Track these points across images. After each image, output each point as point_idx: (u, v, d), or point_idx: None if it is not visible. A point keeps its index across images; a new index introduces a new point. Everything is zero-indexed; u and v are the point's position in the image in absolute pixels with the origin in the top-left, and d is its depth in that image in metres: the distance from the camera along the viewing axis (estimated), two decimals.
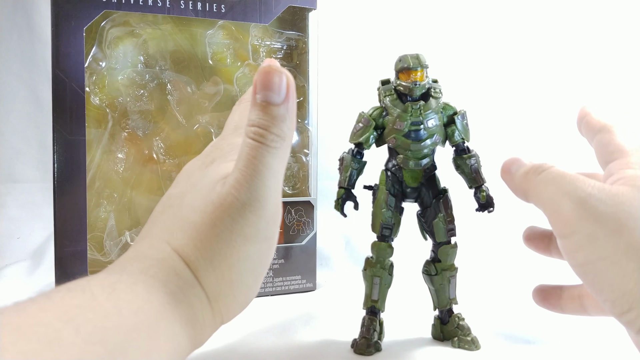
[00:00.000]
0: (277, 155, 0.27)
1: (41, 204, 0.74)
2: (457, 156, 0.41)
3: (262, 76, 0.27)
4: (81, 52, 0.47)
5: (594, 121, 0.35)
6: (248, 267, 0.28)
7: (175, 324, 0.25)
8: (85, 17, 0.47)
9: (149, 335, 0.23)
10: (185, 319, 0.26)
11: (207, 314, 0.27)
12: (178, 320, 0.25)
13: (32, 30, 0.74)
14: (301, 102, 0.56)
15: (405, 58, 0.39)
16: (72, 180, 0.47)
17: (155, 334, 0.24)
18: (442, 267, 0.41)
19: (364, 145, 0.40)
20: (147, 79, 0.51)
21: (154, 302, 0.24)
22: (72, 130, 0.47)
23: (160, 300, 0.25)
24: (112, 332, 0.21)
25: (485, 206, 0.40)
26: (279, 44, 0.55)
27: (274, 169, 0.27)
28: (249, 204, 0.26)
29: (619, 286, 0.27)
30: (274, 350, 0.40)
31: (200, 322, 0.27)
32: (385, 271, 0.41)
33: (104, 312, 0.22)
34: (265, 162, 0.26)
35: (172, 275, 0.26)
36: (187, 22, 0.52)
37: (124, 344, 0.22)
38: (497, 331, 0.44)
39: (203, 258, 0.27)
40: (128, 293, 0.24)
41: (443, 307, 0.41)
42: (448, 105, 0.40)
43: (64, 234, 0.47)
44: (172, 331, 0.25)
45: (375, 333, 0.40)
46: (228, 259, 0.27)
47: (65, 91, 0.47)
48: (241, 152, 0.27)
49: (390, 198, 0.40)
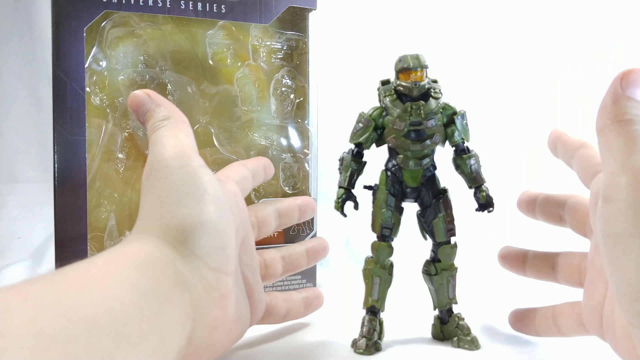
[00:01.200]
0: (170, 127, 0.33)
1: (41, 203, 0.74)
2: (457, 156, 0.41)
3: (132, 101, 0.34)
4: (81, 53, 0.47)
5: (571, 140, 0.36)
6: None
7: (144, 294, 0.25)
8: (85, 18, 0.47)
9: (101, 291, 0.23)
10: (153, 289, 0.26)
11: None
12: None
13: (33, 31, 0.74)
14: (301, 102, 0.56)
15: (405, 58, 0.39)
16: (72, 180, 0.47)
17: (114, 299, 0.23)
18: (442, 267, 0.41)
19: (364, 145, 0.40)
20: (147, 80, 0.51)
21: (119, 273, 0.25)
22: (73, 130, 0.47)
23: (129, 276, 0.25)
24: (62, 295, 0.21)
25: (485, 206, 0.40)
26: (279, 44, 0.55)
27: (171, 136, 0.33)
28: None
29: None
30: (274, 350, 0.40)
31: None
32: (385, 271, 0.41)
33: (51, 280, 0.22)
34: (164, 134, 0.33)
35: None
36: (187, 23, 0.52)
37: (76, 301, 0.21)
38: (497, 331, 0.44)
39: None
40: (99, 268, 0.24)
41: (443, 307, 0.41)
42: (448, 106, 0.40)
43: (64, 233, 0.47)
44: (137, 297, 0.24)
45: (375, 333, 0.40)
46: None
47: (66, 91, 0.47)
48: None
49: (390, 198, 0.40)
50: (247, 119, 0.55)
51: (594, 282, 0.34)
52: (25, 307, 0.19)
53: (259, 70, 0.55)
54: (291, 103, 0.56)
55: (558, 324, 0.38)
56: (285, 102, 0.56)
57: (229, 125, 0.54)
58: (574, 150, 0.36)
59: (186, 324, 0.27)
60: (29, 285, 0.21)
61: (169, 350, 0.25)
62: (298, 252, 0.44)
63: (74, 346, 0.19)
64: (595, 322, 0.33)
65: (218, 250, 0.30)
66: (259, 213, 0.41)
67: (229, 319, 0.31)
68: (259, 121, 0.55)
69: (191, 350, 0.29)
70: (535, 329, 0.40)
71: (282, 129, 0.56)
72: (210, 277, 0.29)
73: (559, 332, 0.38)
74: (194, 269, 0.28)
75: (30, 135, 0.75)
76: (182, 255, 0.28)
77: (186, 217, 0.29)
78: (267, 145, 0.55)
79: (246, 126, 0.55)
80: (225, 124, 0.54)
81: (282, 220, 0.43)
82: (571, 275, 0.38)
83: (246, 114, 0.55)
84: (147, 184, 0.31)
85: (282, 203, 0.43)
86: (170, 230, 0.29)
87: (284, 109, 0.56)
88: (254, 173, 0.41)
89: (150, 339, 0.23)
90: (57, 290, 0.21)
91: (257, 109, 0.55)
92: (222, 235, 0.30)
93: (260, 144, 0.55)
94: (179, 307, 0.26)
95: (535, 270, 0.41)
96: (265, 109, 0.55)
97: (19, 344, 0.18)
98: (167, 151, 0.31)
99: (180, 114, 0.34)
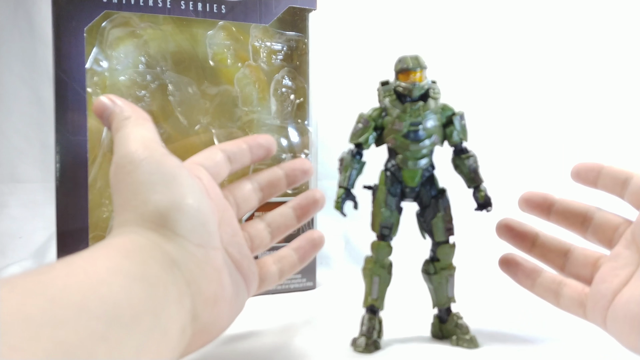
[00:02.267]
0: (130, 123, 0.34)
1: (43, 203, 0.74)
2: (456, 156, 0.41)
3: (96, 107, 0.35)
4: (82, 53, 0.48)
5: (617, 171, 0.37)
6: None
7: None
8: (86, 18, 0.48)
9: (89, 280, 0.23)
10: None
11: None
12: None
13: (33, 31, 0.74)
14: (301, 102, 0.56)
15: (405, 59, 0.39)
16: (74, 180, 0.48)
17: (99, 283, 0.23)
18: (441, 266, 0.41)
19: (364, 145, 0.41)
20: (148, 80, 0.52)
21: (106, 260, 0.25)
22: (74, 130, 0.48)
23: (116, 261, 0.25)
24: (49, 283, 0.21)
25: (483, 205, 0.40)
26: (279, 45, 0.56)
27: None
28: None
29: None
30: (273, 348, 0.40)
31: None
32: (385, 270, 0.41)
33: (38, 272, 0.22)
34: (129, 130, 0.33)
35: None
36: (187, 23, 0.52)
37: (64, 288, 0.21)
38: (496, 330, 0.44)
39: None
40: (85, 259, 0.24)
41: (442, 306, 0.42)
42: (447, 106, 0.41)
43: (65, 233, 0.47)
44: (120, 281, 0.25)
45: (374, 331, 0.40)
46: None
47: (67, 91, 0.47)
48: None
49: (389, 198, 0.40)
50: (247, 120, 0.55)
51: (615, 270, 0.35)
52: (12, 297, 0.19)
53: (259, 71, 0.55)
54: (291, 103, 0.56)
55: (561, 292, 0.38)
56: (285, 102, 0.56)
57: (229, 126, 0.54)
58: (623, 180, 0.37)
59: (184, 301, 0.28)
60: (15, 278, 0.21)
61: (168, 329, 0.25)
62: (282, 214, 0.42)
63: (63, 330, 0.19)
64: (602, 306, 0.34)
65: (198, 227, 0.30)
66: (236, 190, 0.40)
67: (228, 292, 0.32)
68: (260, 121, 0.55)
69: (198, 327, 0.29)
70: (532, 284, 0.40)
71: (283, 129, 0.56)
72: (199, 254, 0.30)
73: (555, 299, 0.38)
74: (181, 247, 0.29)
75: (32, 135, 0.75)
76: (166, 237, 0.29)
77: (160, 202, 0.29)
78: None
79: (247, 126, 0.55)
80: (225, 124, 0.54)
81: (265, 192, 0.41)
82: (604, 235, 0.38)
83: (246, 115, 0.55)
84: (115, 181, 0.31)
85: (262, 174, 0.42)
86: (148, 217, 0.29)
87: (284, 110, 0.56)
88: (232, 155, 0.40)
89: (143, 320, 0.23)
90: (44, 279, 0.21)
91: (257, 109, 0.55)
92: (199, 213, 0.31)
93: None
94: (172, 286, 0.27)
95: (562, 218, 0.40)
96: (265, 109, 0.55)
97: (7, 330, 0.18)
98: (130, 146, 0.32)
99: (141, 111, 0.35)
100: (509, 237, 0.41)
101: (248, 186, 0.41)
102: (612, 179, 0.37)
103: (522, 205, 0.41)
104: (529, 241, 0.40)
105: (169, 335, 0.25)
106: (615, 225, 0.37)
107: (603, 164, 0.38)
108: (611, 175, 0.37)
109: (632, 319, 0.31)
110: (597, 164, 0.39)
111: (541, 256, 0.40)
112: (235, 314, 0.35)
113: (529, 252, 0.41)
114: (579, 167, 0.40)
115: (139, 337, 0.23)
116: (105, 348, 0.20)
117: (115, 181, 0.31)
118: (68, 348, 0.19)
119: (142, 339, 0.23)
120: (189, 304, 0.28)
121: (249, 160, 0.41)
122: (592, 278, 0.37)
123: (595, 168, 0.39)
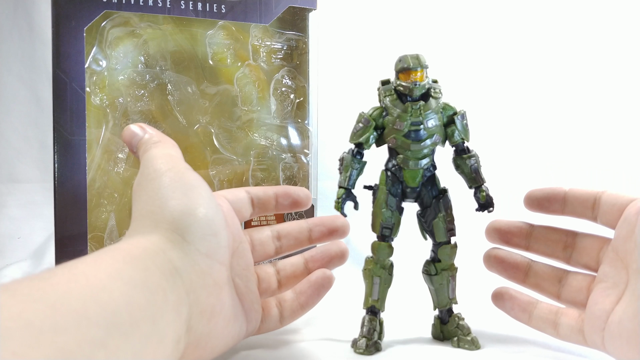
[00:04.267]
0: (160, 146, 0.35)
1: (42, 203, 0.74)
2: (457, 156, 0.41)
3: (126, 134, 0.36)
4: (81, 53, 0.47)
5: (584, 193, 0.37)
6: None
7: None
8: (85, 18, 0.47)
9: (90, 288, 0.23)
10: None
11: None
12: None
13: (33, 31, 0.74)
14: (301, 102, 0.56)
15: (405, 58, 0.39)
16: (72, 180, 0.47)
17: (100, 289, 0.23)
18: (442, 267, 0.41)
19: (364, 145, 0.40)
20: (147, 79, 0.51)
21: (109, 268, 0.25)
22: (73, 131, 0.47)
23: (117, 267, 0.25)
24: (50, 289, 0.21)
25: (485, 206, 0.40)
26: (279, 44, 0.55)
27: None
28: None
29: None
30: (274, 349, 0.40)
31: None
32: (385, 271, 0.41)
33: (39, 277, 0.22)
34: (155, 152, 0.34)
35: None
36: (187, 23, 0.52)
37: (64, 294, 0.21)
38: (497, 331, 0.44)
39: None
40: (89, 264, 0.24)
41: (443, 307, 0.41)
42: (448, 106, 0.40)
43: (64, 234, 0.47)
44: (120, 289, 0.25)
45: (375, 333, 0.40)
46: None
47: (66, 91, 0.47)
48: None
49: (390, 198, 0.40)
50: (247, 119, 0.55)
51: (606, 290, 0.35)
52: (12, 303, 0.19)
53: (259, 70, 0.55)
54: (291, 103, 0.56)
55: (559, 322, 0.38)
56: (285, 102, 0.56)
57: (229, 125, 0.54)
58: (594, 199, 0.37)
59: (181, 310, 0.28)
60: (16, 283, 0.21)
61: (164, 336, 0.25)
62: (293, 264, 0.42)
63: (63, 337, 0.19)
64: (598, 328, 0.34)
65: (209, 236, 0.31)
66: (254, 232, 0.41)
67: (225, 309, 0.32)
68: (259, 121, 0.55)
69: (192, 339, 0.29)
70: (529, 317, 0.39)
71: (282, 129, 0.56)
72: (203, 264, 0.30)
73: (554, 330, 0.38)
74: (186, 255, 0.29)
75: (31, 136, 0.75)
76: (174, 243, 0.29)
77: (175, 207, 0.30)
78: (267, 145, 0.55)
79: (246, 126, 0.55)
80: (225, 124, 0.54)
81: (284, 243, 0.42)
82: (590, 259, 0.38)
83: (246, 114, 0.55)
84: (137, 189, 0.33)
85: (284, 225, 0.42)
86: (162, 222, 0.30)
87: (284, 109, 0.56)
88: (256, 198, 0.40)
89: (142, 327, 0.24)
90: (45, 285, 0.21)
91: (257, 109, 0.55)
92: (212, 223, 0.31)
93: (260, 144, 0.55)
94: (171, 294, 0.27)
95: (542, 245, 0.40)
96: (265, 109, 0.55)
97: (7, 336, 0.18)
98: (156, 161, 0.33)
99: (170, 139, 0.36)
100: (500, 269, 0.41)
101: (267, 232, 0.41)
102: (580, 203, 0.37)
103: (491, 235, 0.41)
104: (521, 272, 0.40)
105: (164, 343, 0.26)
106: (599, 245, 0.37)
107: (564, 189, 0.38)
108: (578, 199, 0.37)
109: (627, 337, 0.31)
110: (558, 189, 0.38)
111: (535, 286, 0.40)
112: (231, 340, 0.34)
113: (522, 283, 0.41)
114: (535, 195, 0.39)
115: (137, 344, 0.23)
116: (104, 354, 0.21)
117: (138, 190, 0.33)
118: (68, 354, 0.19)
119: (140, 345, 0.23)
120: (185, 313, 0.28)
121: (273, 207, 0.41)
122: (597, 268, 0.37)
123: (558, 196, 0.38)
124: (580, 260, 0.38)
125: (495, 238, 0.41)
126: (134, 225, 0.31)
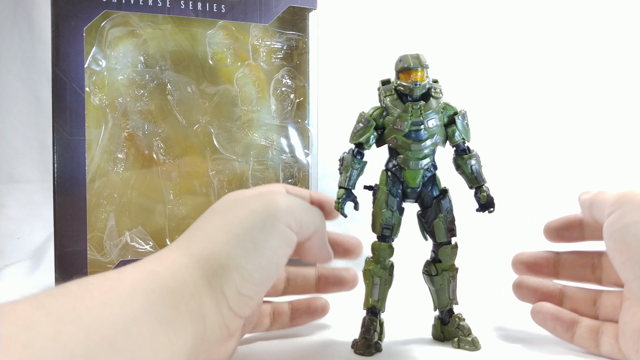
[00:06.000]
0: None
1: (41, 204, 0.74)
2: (458, 156, 0.41)
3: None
4: (81, 52, 0.47)
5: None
6: None
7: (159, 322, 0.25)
8: (85, 17, 0.47)
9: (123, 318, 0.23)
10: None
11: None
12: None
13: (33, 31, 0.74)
14: (301, 102, 0.56)
15: (406, 58, 0.39)
16: (72, 180, 0.47)
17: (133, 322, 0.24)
18: (443, 267, 0.41)
19: (365, 145, 0.40)
20: (147, 79, 0.51)
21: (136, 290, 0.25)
22: (72, 131, 0.47)
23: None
24: (84, 312, 0.22)
25: (485, 206, 0.40)
26: (279, 44, 0.55)
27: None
28: None
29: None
30: (274, 350, 0.40)
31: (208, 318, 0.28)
32: (386, 271, 0.41)
33: (74, 296, 0.23)
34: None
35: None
36: (187, 22, 0.52)
37: (98, 320, 0.22)
38: (498, 332, 0.44)
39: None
40: (114, 283, 0.25)
41: (443, 308, 0.41)
42: (448, 106, 0.40)
43: (64, 234, 0.47)
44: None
45: (375, 333, 0.40)
46: None
47: (66, 91, 0.47)
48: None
49: (390, 198, 0.40)
50: (247, 119, 0.55)
51: (630, 308, 0.35)
52: (48, 322, 0.20)
53: (259, 70, 0.55)
54: (291, 103, 0.56)
55: (600, 341, 0.38)
56: (285, 102, 0.56)
57: (228, 125, 0.54)
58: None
59: (191, 356, 0.28)
60: (51, 299, 0.22)
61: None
62: (306, 277, 0.43)
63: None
64: (632, 348, 0.34)
65: (246, 298, 0.30)
66: (276, 305, 0.42)
67: (228, 355, 0.32)
68: (259, 121, 0.55)
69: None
70: (572, 337, 0.39)
71: (282, 129, 0.56)
72: (227, 316, 0.30)
73: (596, 348, 0.38)
74: (217, 306, 0.29)
75: (30, 136, 0.75)
76: (211, 289, 0.29)
77: (235, 258, 0.30)
78: (267, 145, 0.55)
79: (246, 126, 0.55)
80: (225, 123, 0.54)
81: (291, 285, 0.43)
82: (618, 277, 0.37)
83: (246, 114, 0.55)
84: (216, 208, 0.33)
85: (294, 269, 0.43)
86: (212, 260, 0.29)
87: (284, 109, 0.56)
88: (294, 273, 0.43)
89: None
90: (80, 306, 0.22)
91: (257, 108, 0.55)
92: (258, 288, 0.31)
93: (260, 144, 0.55)
94: (191, 339, 0.27)
95: (571, 271, 0.40)
96: (265, 108, 0.55)
97: (43, 357, 0.19)
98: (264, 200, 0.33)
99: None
100: (534, 300, 0.41)
101: (285, 307, 0.42)
102: (598, 226, 0.36)
103: (520, 270, 0.42)
104: (556, 300, 0.41)
105: None
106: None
107: (578, 215, 0.38)
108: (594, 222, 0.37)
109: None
110: (572, 216, 0.39)
111: (573, 311, 0.40)
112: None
113: (556, 276, 0.41)
114: (553, 226, 0.40)
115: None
116: None
117: (217, 209, 0.33)
118: None
119: None
120: (194, 358, 0.28)
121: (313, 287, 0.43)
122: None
123: (574, 222, 0.39)
124: (610, 279, 0.39)
125: (523, 271, 0.42)
126: (193, 232, 0.31)
